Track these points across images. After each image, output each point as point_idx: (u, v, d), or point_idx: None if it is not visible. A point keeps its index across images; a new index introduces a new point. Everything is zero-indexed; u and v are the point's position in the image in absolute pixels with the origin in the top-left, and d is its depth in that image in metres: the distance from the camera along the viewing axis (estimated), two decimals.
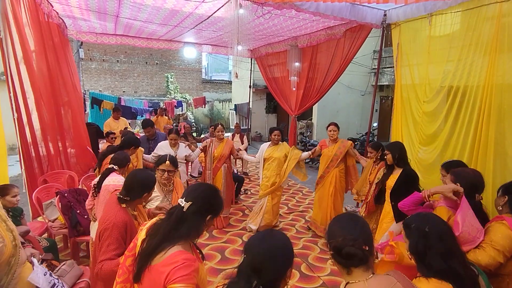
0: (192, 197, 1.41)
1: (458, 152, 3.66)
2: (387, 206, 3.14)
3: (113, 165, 2.74)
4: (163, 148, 4.27)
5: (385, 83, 11.46)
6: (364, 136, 9.93)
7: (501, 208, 2.01)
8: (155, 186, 2.21)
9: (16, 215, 2.81)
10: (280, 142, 4.47)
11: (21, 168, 3.47)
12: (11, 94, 3.25)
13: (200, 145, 4.96)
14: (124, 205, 1.96)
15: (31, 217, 3.62)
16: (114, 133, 5.75)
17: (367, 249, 1.20)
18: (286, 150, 4.45)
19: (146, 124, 5.06)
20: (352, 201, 5.00)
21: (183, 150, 4.38)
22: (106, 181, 2.61)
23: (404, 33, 4.70)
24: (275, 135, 4.39)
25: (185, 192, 1.47)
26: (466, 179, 2.08)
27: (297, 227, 4.77)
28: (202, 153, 4.82)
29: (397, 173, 3.11)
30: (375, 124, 11.32)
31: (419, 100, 4.42)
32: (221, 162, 4.61)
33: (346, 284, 1.24)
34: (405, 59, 4.71)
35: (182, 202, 1.39)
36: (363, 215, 3.71)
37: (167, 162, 2.74)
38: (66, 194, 3.36)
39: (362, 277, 1.19)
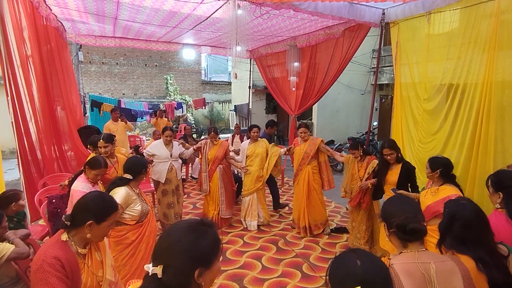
0: (163, 257, 0.97)
1: (457, 149, 3.66)
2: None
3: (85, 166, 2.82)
4: (157, 146, 4.33)
5: (384, 82, 11.45)
6: (364, 135, 9.91)
7: (499, 206, 1.99)
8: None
9: (20, 219, 2.80)
10: (259, 139, 4.72)
11: (19, 172, 3.46)
12: (9, 98, 3.25)
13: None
14: (64, 237, 1.54)
15: (30, 220, 3.61)
16: (114, 136, 5.73)
17: (425, 225, 1.34)
18: (266, 146, 4.69)
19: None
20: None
21: (176, 148, 4.44)
22: (73, 186, 2.73)
23: (403, 32, 4.70)
24: (254, 132, 4.64)
25: (153, 252, 1.02)
26: (439, 162, 2.56)
27: (309, 237, 4.72)
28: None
29: (396, 167, 3.29)
30: (375, 123, 11.31)
31: (419, 98, 4.42)
32: (216, 164, 4.63)
33: (400, 253, 1.34)
34: (404, 58, 4.70)
35: (149, 268, 0.97)
36: (350, 208, 3.97)
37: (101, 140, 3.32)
38: (54, 200, 3.25)
39: (415, 249, 1.31)
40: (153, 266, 0.96)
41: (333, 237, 4.45)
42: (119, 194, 2.50)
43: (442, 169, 2.53)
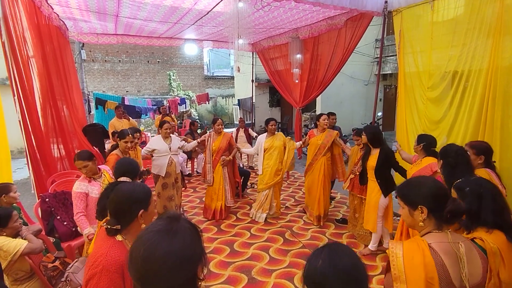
0: (154, 284, 0.85)
1: (461, 136, 3.64)
2: (371, 183, 3.56)
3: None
4: (156, 141, 4.39)
5: (388, 72, 11.36)
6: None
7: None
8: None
9: (17, 212, 2.87)
10: (276, 132, 4.73)
11: (29, 170, 3.51)
12: (16, 97, 3.29)
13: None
14: (119, 238, 1.45)
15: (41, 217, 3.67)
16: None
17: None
18: (284, 139, 4.72)
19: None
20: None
21: (176, 142, 4.49)
22: (73, 187, 2.75)
23: (406, 20, 4.64)
24: (271, 125, 4.64)
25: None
26: (425, 138, 3.08)
27: (304, 219, 4.78)
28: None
29: (375, 153, 3.50)
30: (379, 114, 11.25)
31: (423, 87, 4.38)
32: (220, 155, 4.71)
33: (428, 232, 1.36)
34: (408, 46, 4.65)
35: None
36: (348, 190, 4.21)
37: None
38: (47, 199, 3.26)
39: (446, 229, 1.35)
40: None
41: (339, 228, 4.48)
42: None
43: (425, 143, 3.03)
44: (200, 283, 0.91)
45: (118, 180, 2.41)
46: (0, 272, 1.88)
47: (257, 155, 4.87)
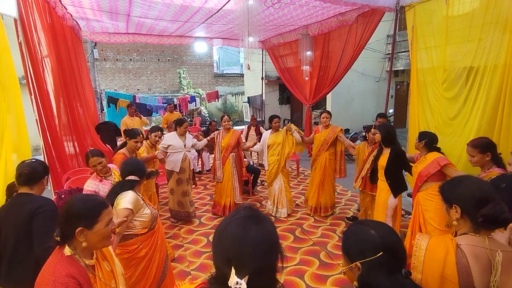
0: (251, 264, 0.83)
1: (474, 133, 3.55)
2: (381, 183, 3.51)
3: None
4: (171, 137, 4.47)
5: (400, 68, 11.18)
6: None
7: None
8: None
9: None
10: (280, 129, 4.84)
11: None
12: (32, 96, 3.37)
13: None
14: (67, 252, 1.35)
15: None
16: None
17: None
18: (284, 134, 4.85)
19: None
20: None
21: (190, 139, 4.61)
22: (85, 185, 2.76)
23: (419, 15, 4.55)
24: (275, 123, 4.78)
25: (224, 256, 0.87)
26: (426, 135, 3.03)
27: (315, 216, 4.78)
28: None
29: (386, 152, 3.46)
30: (391, 111, 11.09)
31: (437, 83, 4.29)
32: (229, 151, 4.82)
33: (464, 233, 1.32)
34: (420, 42, 4.56)
35: (238, 283, 0.81)
36: (360, 189, 4.19)
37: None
38: (63, 196, 3.25)
39: (485, 235, 1.29)
40: (238, 278, 0.81)
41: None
42: (127, 197, 2.20)
43: (427, 140, 2.98)
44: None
45: (125, 179, 2.38)
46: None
47: (263, 151, 4.97)
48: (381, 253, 1.00)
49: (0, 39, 2.63)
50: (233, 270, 0.82)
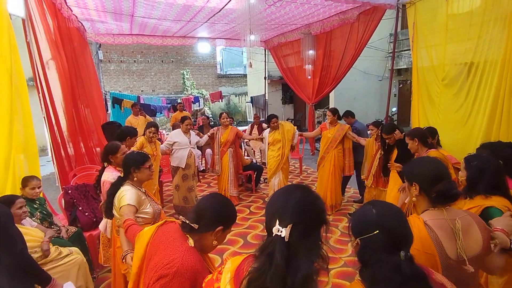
0: (291, 215, 0.93)
1: (477, 129, 3.59)
2: (394, 175, 3.50)
3: (104, 162, 2.74)
4: (176, 134, 4.64)
5: (403, 67, 11.17)
6: (383, 122, 9.76)
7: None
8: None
9: (42, 203, 2.99)
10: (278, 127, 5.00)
11: (53, 164, 3.69)
12: (40, 95, 3.45)
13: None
14: (191, 243, 1.34)
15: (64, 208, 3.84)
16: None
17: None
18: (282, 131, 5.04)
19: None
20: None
21: (194, 136, 4.79)
22: (103, 177, 2.63)
23: (420, 12, 4.58)
24: (273, 123, 4.94)
25: (271, 212, 0.98)
26: (416, 133, 2.92)
27: None
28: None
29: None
30: (394, 109, 11.09)
31: (438, 81, 4.32)
32: (227, 147, 5.06)
33: (425, 210, 1.45)
34: (421, 40, 4.59)
35: (279, 230, 0.91)
36: (372, 186, 4.15)
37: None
38: (70, 191, 3.37)
39: (442, 207, 1.41)
40: (280, 226, 0.91)
41: None
42: (128, 194, 2.13)
43: (417, 137, 2.89)
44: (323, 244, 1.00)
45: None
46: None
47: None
48: (377, 231, 1.03)
49: (8, 39, 2.68)
50: (277, 221, 0.93)
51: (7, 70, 2.63)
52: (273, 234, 0.93)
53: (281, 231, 0.91)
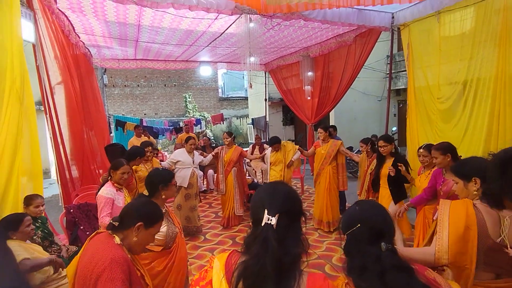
0: (279, 206, 1.04)
1: (474, 144, 3.64)
2: (383, 191, 3.63)
3: (107, 175, 2.83)
4: (180, 153, 4.72)
5: (402, 87, 11.36)
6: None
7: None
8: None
9: (43, 222, 3.00)
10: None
11: (58, 185, 3.73)
12: (48, 117, 3.56)
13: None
14: (117, 240, 1.46)
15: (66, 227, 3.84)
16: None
17: None
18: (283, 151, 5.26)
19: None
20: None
21: (197, 156, 4.89)
22: (99, 192, 2.69)
23: (414, 34, 4.75)
24: (275, 148, 5.18)
25: (259, 204, 1.08)
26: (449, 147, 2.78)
27: (319, 232, 4.77)
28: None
29: (389, 161, 3.53)
30: (394, 129, 11.17)
31: (434, 99, 4.42)
32: (231, 166, 5.09)
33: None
34: (416, 61, 4.72)
35: (269, 219, 1.01)
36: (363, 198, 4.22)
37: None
38: (71, 210, 3.39)
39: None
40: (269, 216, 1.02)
41: None
42: None
43: (451, 153, 2.78)
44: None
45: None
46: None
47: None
48: (359, 225, 1.10)
49: (20, 63, 2.75)
50: (265, 211, 1.03)
51: (17, 95, 2.68)
52: (263, 223, 1.02)
53: (271, 220, 1.01)
